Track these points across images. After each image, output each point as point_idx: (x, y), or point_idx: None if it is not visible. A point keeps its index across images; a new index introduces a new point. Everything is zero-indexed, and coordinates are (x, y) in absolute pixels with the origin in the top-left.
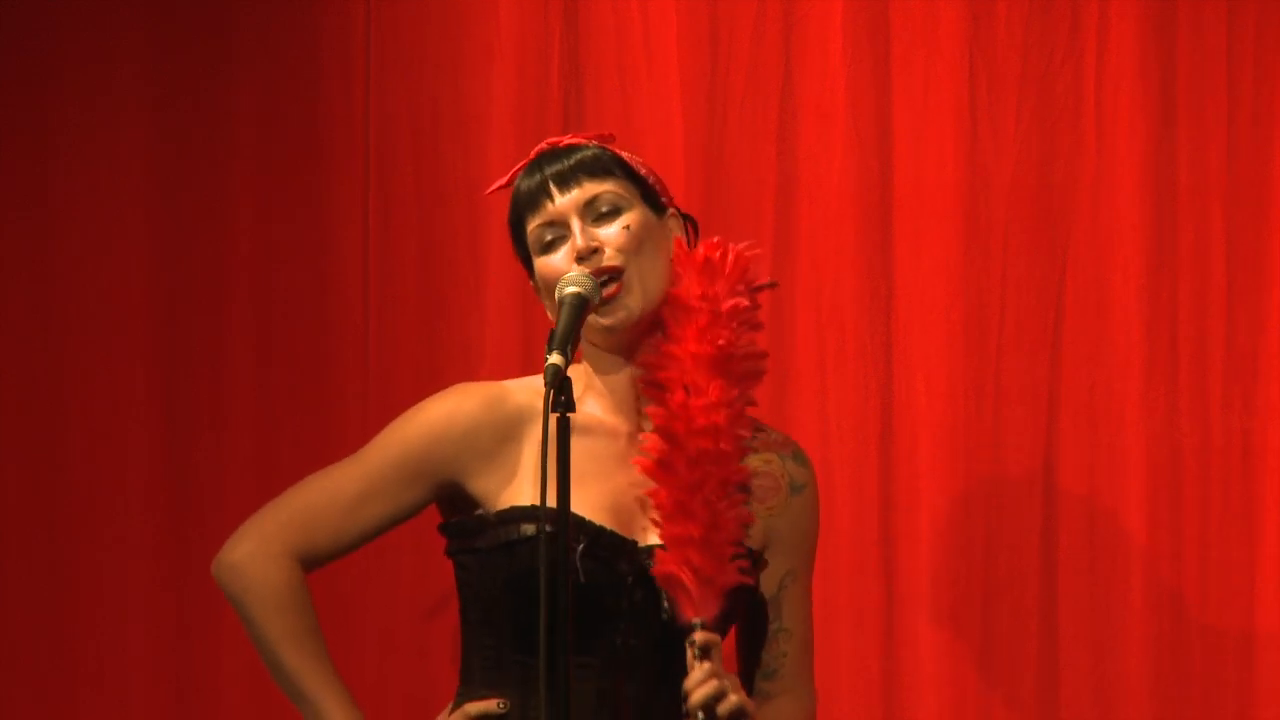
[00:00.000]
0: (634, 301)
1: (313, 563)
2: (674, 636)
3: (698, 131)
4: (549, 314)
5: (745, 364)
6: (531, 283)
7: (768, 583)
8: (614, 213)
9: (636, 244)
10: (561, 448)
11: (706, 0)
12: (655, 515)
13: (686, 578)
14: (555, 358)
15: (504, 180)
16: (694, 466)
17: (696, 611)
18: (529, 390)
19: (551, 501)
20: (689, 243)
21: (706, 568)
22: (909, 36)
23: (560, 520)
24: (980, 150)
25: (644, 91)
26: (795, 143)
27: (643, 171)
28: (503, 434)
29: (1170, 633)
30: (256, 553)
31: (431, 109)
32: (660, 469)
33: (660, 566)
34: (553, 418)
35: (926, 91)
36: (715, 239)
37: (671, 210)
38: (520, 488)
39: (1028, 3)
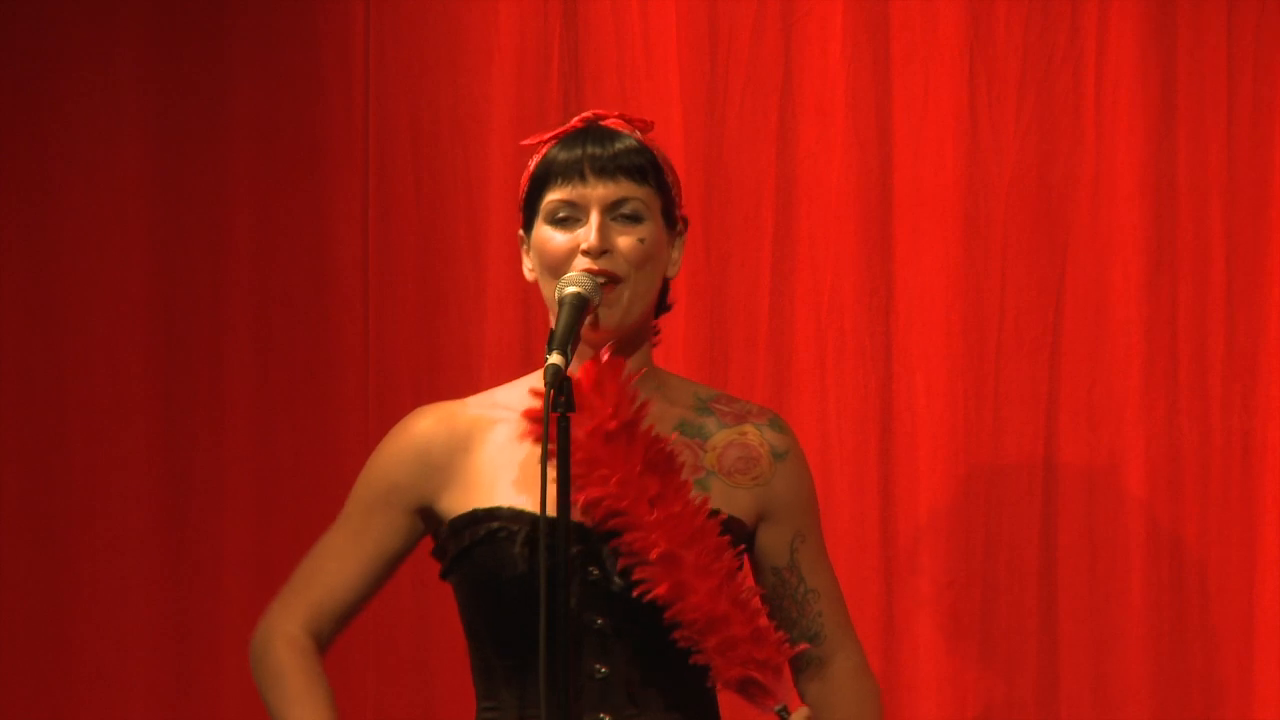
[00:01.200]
0: (617, 312)
1: (321, 626)
2: (640, 611)
3: (698, 131)
4: (525, 273)
5: (675, 457)
6: (520, 232)
7: (779, 551)
8: (635, 220)
9: (643, 259)
10: (562, 448)
11: (706, 0)
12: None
13: (757, 674)
14: (555, 358)
15: (544, 136)
16: (704, 574)
17: (776, 700)
18: (485, 403)
19: (529, 504)
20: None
21: (770, 656)
22: (909, 36)
23: (560, 521)
24: (980, 150)
25: (644, 91)
26: (795, 143)
27: (669, 179)
28: (453, 447)
29: (1170, 633)
30: (264, 629)
31: (431, 109)
32: (677, 593)
33: (726, 674)
34: (553, 417)
35: (926, 91)
36: (595, 355)
37: (680, 227)
38: (468, 495)
39: (1028, 3)
